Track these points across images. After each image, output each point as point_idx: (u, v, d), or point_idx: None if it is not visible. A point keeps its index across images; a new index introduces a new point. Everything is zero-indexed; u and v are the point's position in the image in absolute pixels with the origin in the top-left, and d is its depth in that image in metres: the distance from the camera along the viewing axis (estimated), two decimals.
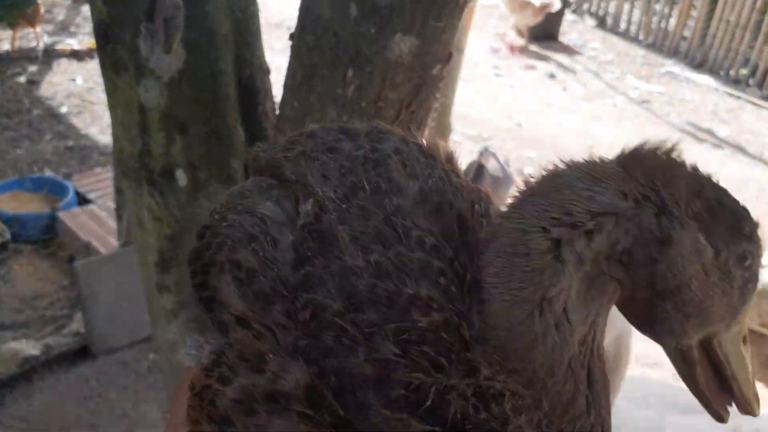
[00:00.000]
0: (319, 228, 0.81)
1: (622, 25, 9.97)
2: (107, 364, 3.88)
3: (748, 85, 8.55)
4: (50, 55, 7.43)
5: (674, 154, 0.82)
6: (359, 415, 0.70)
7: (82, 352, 3.92)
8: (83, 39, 7.70)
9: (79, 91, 6.92)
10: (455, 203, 0.86)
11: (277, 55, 6.30)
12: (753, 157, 6.96)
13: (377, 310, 0.75)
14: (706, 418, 2.32)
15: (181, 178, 2.10)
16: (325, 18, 1.62)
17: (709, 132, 7.37)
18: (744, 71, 8.65)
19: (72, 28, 8.13)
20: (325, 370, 0.72)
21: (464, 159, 4.31)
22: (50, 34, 7.80)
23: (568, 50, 9.35)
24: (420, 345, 0.73)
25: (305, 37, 1.69)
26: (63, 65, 7.39)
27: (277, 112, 2.13)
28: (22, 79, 7.02)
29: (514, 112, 7.29)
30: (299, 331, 0.75)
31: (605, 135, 6.91)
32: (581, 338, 0.76)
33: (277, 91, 2.38)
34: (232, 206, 0.88)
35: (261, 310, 0.77)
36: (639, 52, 9.42)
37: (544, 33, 9.38)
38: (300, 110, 1.74)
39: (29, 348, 3.84)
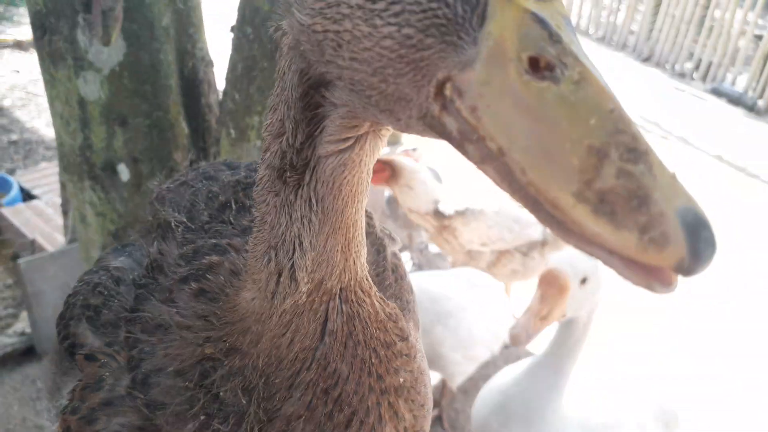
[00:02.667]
0: (158, 259, 0.95)
1: (573, 19, 10.15)
2: None
3: (692, 79, 8.82)
4: None
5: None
6: (158, 391, 0.85)
7: (27, 353, 3.82)
8: (27, 29, 7.45)
9: (22, 83, 6.70)
10: None
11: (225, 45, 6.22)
12: (696, 148, 7.20)
13: (184, 266, 0.91)
14: (626, 391, 2.36)
15: (123, 172, 2.08)
16: (264, 10, 1.62)
17: (656, 125, 7.58)
18: (689, 65, 8.92)
19: (15, 18, 7.85)
20: (139, 372, 0.87)
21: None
22: None
23: None
24: (197, 296, 0.86)
25: (245, 30, 1.69)
26: (5, 56, 7.14)
27: None
28: None
29: None
30: (132, 340, 0.89)
31: None
32: (313, 285, 0.73)
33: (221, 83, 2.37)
34: (89, 270, 1.05)
35: (111, 335, 0.92)
36: (589, 46, 9.62)
37: None
38: (241, 103, 1.74)
39: None
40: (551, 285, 2.12)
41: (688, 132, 7.58)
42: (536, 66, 0.52)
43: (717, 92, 8.50)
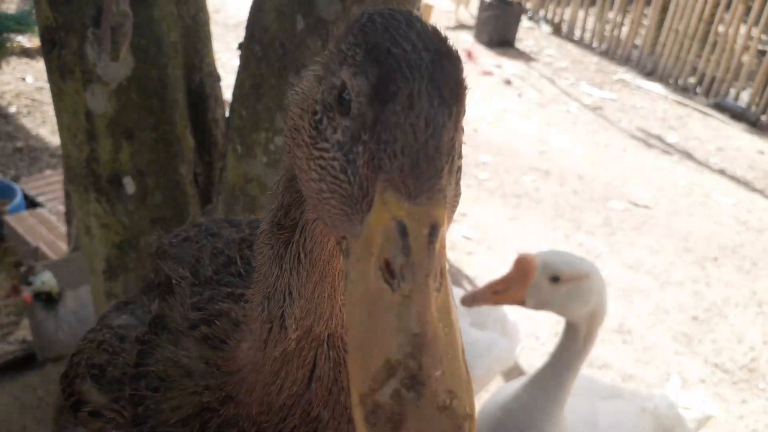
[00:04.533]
0: (161, 315, 0.97)
1: (577, 33, 10.20)
2: (54, 373, 3.79)
3: (695, 93, 8.85)
4: None
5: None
6: None
7: (28, 360, 3.82)
8: (34, 36, 7.49)
9: (29, 91, 6.74)
10: None
11: (235, 57, 6.25)
12: (699, 162, 7.21)
13: (195, 321, 0.92)
14: (623, 402, 2.44)
15: (129, 184, 2.09)
16: (272, 29, 1.63)
17: (659, 138, 7.60)
18: (692, 79, 8.94)
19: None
20: (146, 427, 0.88)
21: None
22: None
23: (524, 57, 9.52)
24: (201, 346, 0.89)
25: (253, 48, 1.70)
26: (12, 63, 7.18)
27: None
28: None
29: (470, 118, 7.38)
30: (137, 398, 0.91)
31: (559, 141, 7.07)
32: (302, 332, 0.77)
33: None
34: (93, 329, 1.07)
35: (117, 391, 0.93)
36: (593, 60, 9.65)
37: (501, 39, 9.53)
38: (248, 119, 1.75)
39: None
40: (518, 268, 2.20)
41: (690, 146, 7.60)
42: (389, 267, 0.58)
43: (720, 107, 8.52)
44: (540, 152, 6.80)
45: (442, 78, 0.62)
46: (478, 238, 5.24)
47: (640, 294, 4.87)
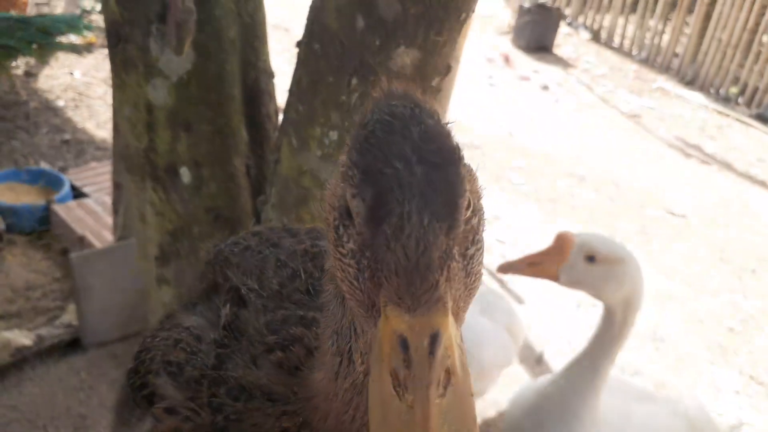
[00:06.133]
0: (236, 321, 0.99)
1: (616, 40, 10.11)
2: (98, 357, 3.91)
3: (737, 104, 8.70)
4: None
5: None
6: None
7: (73, 344, 3.94)
8: (82, 35, 7.70)
9: (76, 85, 6.93)
10: None
11: (275, 57, 6.36)
12: (739, 174, 7.10)
13: (267, 341, 0.94)
14: (657, 405, 2.45)
15: (185, 174, 2.17)
16: (332, 28, 1.70)
17: (697, 148, 7.50)
18: (734, 89, 8.80)
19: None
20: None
21: None
22: None
23: (562, 62, 9.47)
24: (279, 367, 0.90)
25: (312, 45, 1.77)
26: (61, 58, 7.40)
27: (280, 114, 2.20)
28: (20, 70, 7.03)
29: (506, 122, 7.40)
30: (216, 404, 0.92)
31: (595, 147, 7.03)
32: (368, 365, 0.78)
33: (278, 93, 2.46)
34: (161, 327, 1.08)
35: (194, 391, 0.95)
36: (632, 67, 9.56)
37: (539, 45, 9.50)
38: (304, 115, 1.82)
39: (21, 338, 3.86)
40: (556, 243, 2.26)
41: (730, 157, 7.48)
42: (396, 376, 0.63)
43: (762, 118, 8.37)
44: (576, 158, 6.77)
45: (435, 193, 0.64)
46: (512, 242, 5.25)
47: (674, 302, 4.83)
